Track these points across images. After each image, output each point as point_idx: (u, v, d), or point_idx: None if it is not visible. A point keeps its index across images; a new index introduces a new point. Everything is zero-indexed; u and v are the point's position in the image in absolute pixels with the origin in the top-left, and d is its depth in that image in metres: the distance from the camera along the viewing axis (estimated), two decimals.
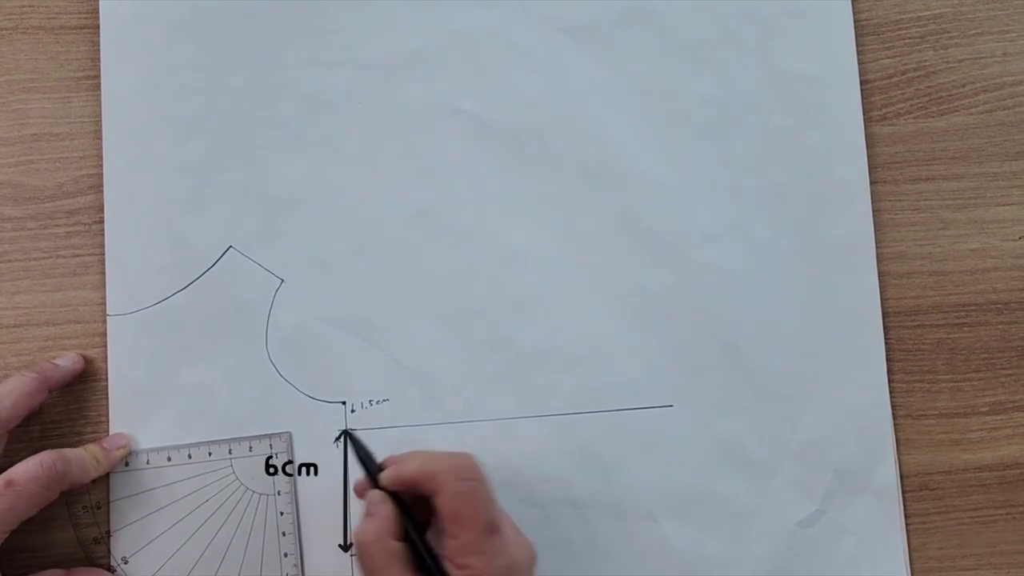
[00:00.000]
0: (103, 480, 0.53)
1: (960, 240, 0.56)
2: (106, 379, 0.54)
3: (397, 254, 0.55)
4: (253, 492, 0.53)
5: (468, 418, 0.54)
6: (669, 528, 0.54)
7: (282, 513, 0.53)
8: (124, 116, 0.55)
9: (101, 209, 0.55)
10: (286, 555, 0.53)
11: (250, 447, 0.53)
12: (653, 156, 0.55)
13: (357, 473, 0.54)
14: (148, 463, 0.53)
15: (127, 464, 0.53)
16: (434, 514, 0.45)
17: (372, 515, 0.46)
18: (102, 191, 0.55)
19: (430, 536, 0.46)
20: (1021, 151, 0.56)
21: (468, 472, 0.46)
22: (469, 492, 0.45)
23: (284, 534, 0.53)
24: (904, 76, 0.57)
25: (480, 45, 0.56)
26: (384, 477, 0.47)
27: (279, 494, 0.53)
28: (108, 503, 0.53)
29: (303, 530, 0.53)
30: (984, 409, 0.55)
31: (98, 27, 0.56)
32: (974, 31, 0.57)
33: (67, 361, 0.53)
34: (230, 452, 0.53)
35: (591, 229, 0.55)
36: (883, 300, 0.55)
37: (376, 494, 0.47)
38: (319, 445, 0.54)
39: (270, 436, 0.54)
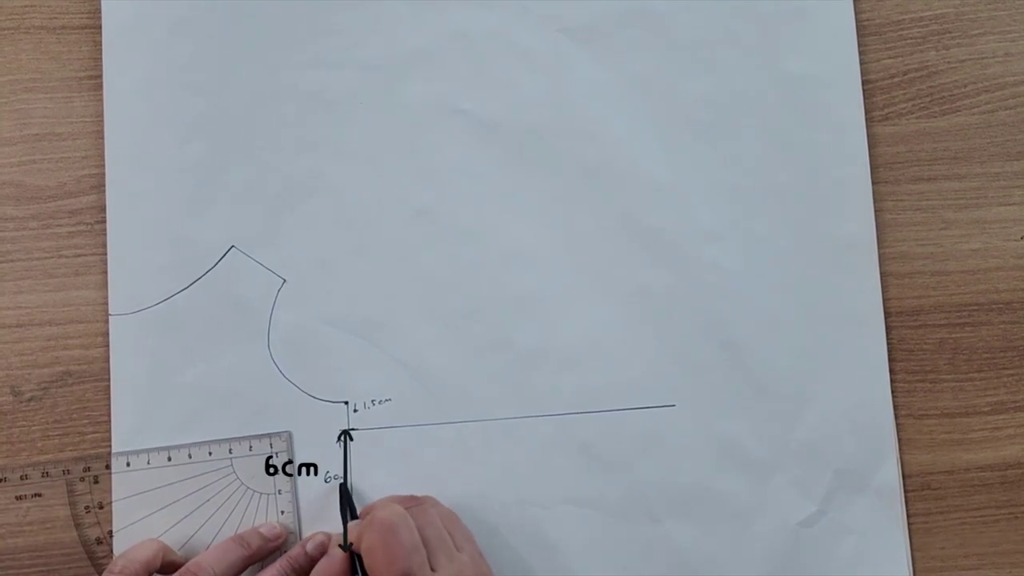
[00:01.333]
0: (105, 480, 0.53)
1: (962, 240, 0.56)
2: (108, 379, 0.54)
3: (398, 254, 0.55)
4: (254, 492, 0.53)
5: (469, 418, 0.54)
6: (670, 528, 0.54)
7: (282, 512, 0.53)
8: (126, 116, 0.55)
9: (103, 209, 0.55)
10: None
11: (250, 447, 0.54)
12: (653, 156, 0.55)
13: (358, 473, 0.54)
14: (149, 463, 0.53)
15: (128, 464, 0.53)
16: None
17: (327, 556, 0.50)
18: (104, 191, 0.55)
19: None
20: (1022, 151, 0.56)
21: (383, 529, 0.47)
22: (379, 547, 0.47)
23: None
24: (906, 76, 0.56)
25: (480, 45, 0.56)
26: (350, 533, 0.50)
27: (279, 493, 0.53)
28: (110, 503, 0.53)
29: (303, 530, 0.53)
30: (986, 409, 0.55)
31: (100, 27, 0.56)
32: (976, 31, 0.56)
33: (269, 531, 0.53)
34: (230, 452, 0.53)
35: (591, 229, 0.55)
36: (885, 300, 0.55)
37: (336, 540, 0.51)
38: (320, 445, 0.54)
39: (270, 436, 0.54)
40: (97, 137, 0.55)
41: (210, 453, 0.53)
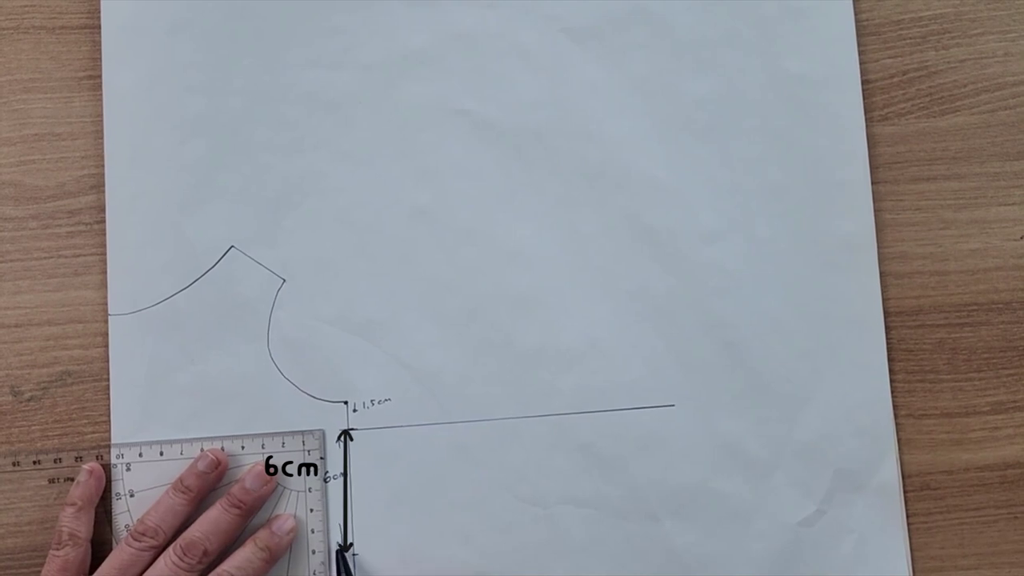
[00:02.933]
0: (119, 473, 0.53)
1: (961, 240, 0.56)
2: (107, 379, 0.54)
3: (399, 254, 0.55)
4: (284, 488, 0.53)
5: (470, 418, 0.54)
6: (670, 528, 0.54)
7: (312, 510, 0.53)
8: (125, 116, 0.55)
9: (102, 209, 0.55)
10: (314, 552, 0.53)
11: (283, 443, 0.54)
12: (654, 156, 0.55)
13: (358, 473, 0.54)
14: (182, 454, 0.53)
15: (161, 454, 0.53)
16: None
17: None
18: (103, 191, 0.55)
19: None
20: (1022, 151, 0.56)
21: None
22: None
23: (313, 531, 0.53)
24: (905, 76, 0.56)
25: (482, 46, 0.56)
26: None
27: (310, 491, 0.53)
28: (136, 493, 0.53)
29: (331, 528, 0.54)
30: (985, 409, 0.55)
31: (99, 27, 0.56)
32: (975, 31, 0.56)
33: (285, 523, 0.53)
34: (263, 447, 0.53)
35: (592, 229, 0.55)
36: (884, 300, 0.55)
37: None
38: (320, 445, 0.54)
39: (303, 433, 0.54)
40: (96, 137, 0.55)
41: (243, 447, 0.53)
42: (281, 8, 0.56)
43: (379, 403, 0.54)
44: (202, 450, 0.53)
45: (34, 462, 0.53)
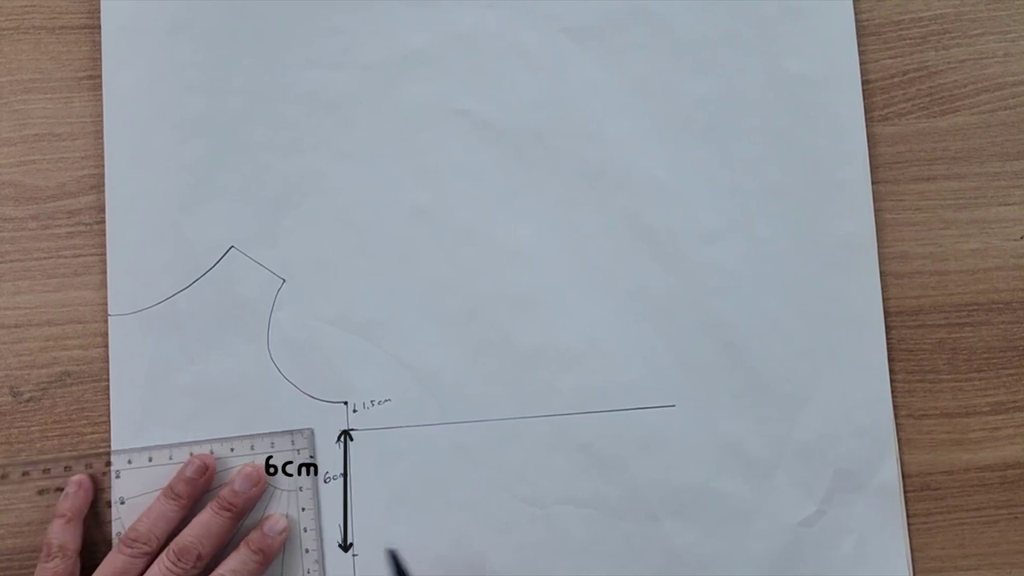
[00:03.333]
0: (117, 477, 0.53)
1: (962, 240, 0.56)
2: (107, 379, 0.54)
3: (398, 254, 0.55)
4: (275, 488, 0.53)
5: (470, 418, 0.54)
6: (670, 528, 0.54)
7: (303, 509, 0.53)
8: (125, 116, 0.55)
9: (102, 209, 0.55)
10: (307, 551, 0.53)
11: (272, 443, 0.54)
12: (654, 156, 0.55)
13: (358, 473, 0.54)
14: (171, 459, 0.53)
15: (150, 460, 0.53)
16: None
17: None
18: (103, 191, 0.55)
19: None
20: (1022, 151, 0.56)
21: None
22: None
23: (305, 530, 0.53)
24: (906, 76, 0.56)
25: (482, 46, 0.56)
26: None
27: (300, 490, 0.53)
28: (128, 500, 0.53)
29: (323, 527, 0.54)
30: (985, 409, 0.55)
31: (99, 27, 0.56)
32: (976, 31, 0.56)
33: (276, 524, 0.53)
34: (252, 448, 0.53)
35: (592, 229, 0.55)
36: (885, 300, 0.55)
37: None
38: (320, 445, 0.54)
39: (291, 432, 0.54)
40: (96, 137, 0.55)
41: (232, 449, 0.53)
42: (281, 8, 0.56)
43: (379, 403, 0.54)
44: (191, 455, 0.53)
45: (42, 469, 0.53)
